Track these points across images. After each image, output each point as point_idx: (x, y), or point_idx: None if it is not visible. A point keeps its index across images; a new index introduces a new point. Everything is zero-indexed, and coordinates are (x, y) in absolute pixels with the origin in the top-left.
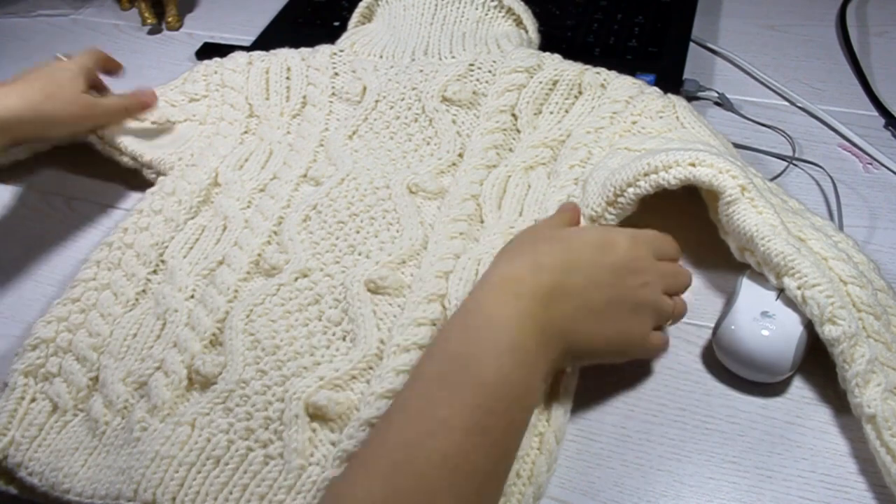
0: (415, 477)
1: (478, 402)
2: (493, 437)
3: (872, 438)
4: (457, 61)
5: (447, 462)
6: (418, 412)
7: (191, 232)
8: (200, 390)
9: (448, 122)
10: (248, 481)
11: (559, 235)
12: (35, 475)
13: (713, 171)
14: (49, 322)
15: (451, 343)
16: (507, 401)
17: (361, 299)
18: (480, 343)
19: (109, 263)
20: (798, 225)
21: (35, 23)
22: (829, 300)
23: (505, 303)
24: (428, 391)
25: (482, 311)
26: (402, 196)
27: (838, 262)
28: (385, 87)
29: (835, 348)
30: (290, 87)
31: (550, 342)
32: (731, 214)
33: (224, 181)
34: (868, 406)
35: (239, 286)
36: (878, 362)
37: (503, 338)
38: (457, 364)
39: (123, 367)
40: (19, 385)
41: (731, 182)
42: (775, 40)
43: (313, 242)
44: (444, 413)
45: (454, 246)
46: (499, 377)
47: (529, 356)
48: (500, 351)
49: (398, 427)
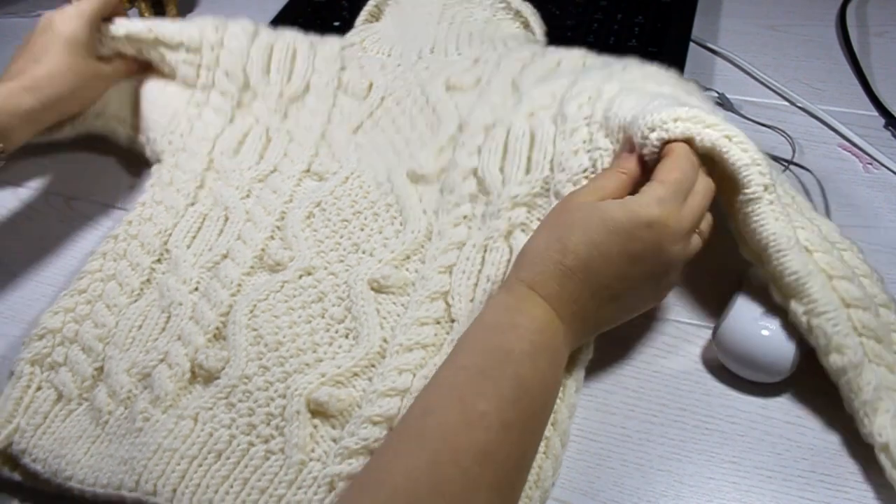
0: (457, 469)
1: (516, 398)
2: (527, 431)
3: (889, 468)
4: (462, 57)
5: (487, 457)
6: (458, 402)
7: (192, 220)
8: (203, 384)
9: (451, 107)
10: (248, 475)
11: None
12: (39, 462)
13: (746, 155)
14: (56, 313)
15: (493, 338)
16: (540, 398)
17: (365, 298)
18: (520, 341)
19: (115, 254)
20: (805, 231)
21: (35, 23)
22: (835, 329)
23: (538, 305)
24: (467, 383)
25: (522, 309)
26: (404, 186)
27: (843, 281)
28: (391, 85)
29: (840, 378)
30: (294, 70)
31: (575, 339)
32: (748, 213)
33: (220, 167)
34: (879, 435)
35: (242, 280)
36: (885, 388)
37: (540, 338)
38: (497, 359)
39: (128, 358)
40: (25, 373)
41: (759, 178)
42: (775, 40)
43: (317, 240)
44: (483, 406)
45: (458, 234)
46: (536, 374)
47: (559, 355)
48: (537, 350)
49: (439, 417)
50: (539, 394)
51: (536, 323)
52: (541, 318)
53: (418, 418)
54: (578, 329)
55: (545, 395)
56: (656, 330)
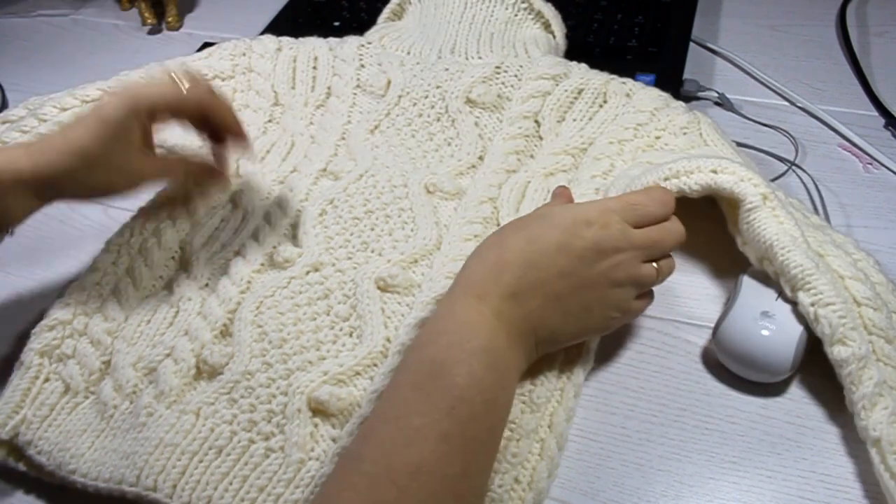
0: (394, 488)
1: (450, 408)
2: (470, 439)
3: (877, 462)
4: (483, 63)
5: (422, 469)
6: (394, 421)
7: (211, 223)
8: (208, 380)
9: (471, 124)
10: (248, 473)
11: (530, 222)
12: (44, 454)
13: (735, 178)
14: (67, 304)
15: (423, 350)
16: (480, 403)
17: (370, 296)
18: (450, 349)
19: (129, 248)
20: (818, 240)
21: (35, 23)
22: (841, 321)
23: (471, 306)
24: (402, 400)
25: (451, 316)
26: (419, 195)
27: (855, 281)
28: (410, 83)
29: (843, 370)
30: (316, 77)
31: (521, 338)
32: (751, 222)
33: (244, 173)
34: (874, 429)
35: (252, 277)
36: (887, 386)
37: (472, 341)
38: (428, 371)
39: (135, 353)
40: (34, 364)
41: (753, 190)
42: (775, 40)
43: (327, 237)
44: (417, 422)
45: (468, 248)
46: (470, 381)
47: (500, 356)
48: (469, 354)
49: (377, 438)
50: (479, 400)
51: (467, 327)
52: (473, 321)
53: (359, 443)
54: (522, 327)
55: (487, 401)
56: (656, 330)
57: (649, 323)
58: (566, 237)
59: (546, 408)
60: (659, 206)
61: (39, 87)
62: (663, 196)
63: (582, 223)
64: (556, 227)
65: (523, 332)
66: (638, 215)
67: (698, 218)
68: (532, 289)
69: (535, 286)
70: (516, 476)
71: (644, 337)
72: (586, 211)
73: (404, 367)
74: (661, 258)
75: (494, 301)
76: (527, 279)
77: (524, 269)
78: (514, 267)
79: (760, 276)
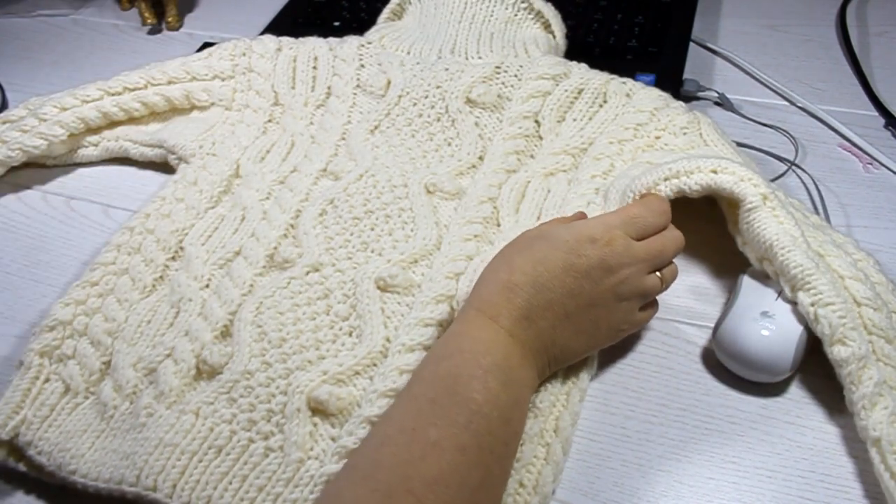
0: (412, 497)
1: (468, 421)
2: (486, 451)
3: (877, 462)
4: (483, 62)
5: (440, 481)
6: (410, 432)
7: (210, 221)
8: (207, 380)
9: (471, 125)
10: (247, 472)
11: (534, 242)
12: (44, 455)
13: (735, 178)
14: (67, 304)
15: (439, 365)
16: (497, 418)
17: (370, 296)
18: (467, 365)
19: (129, 248)
20: (818, 240)
21: (35, 23)
22: (841, 321)
23: (485, 326)
24: (418, 412)
25: (466, 333)
26: (419, 195)
27: (855, 281)
28: (409, 83)
29: (843, 369)
30: (316, 77)
31: (534, 357)
32: (751, 222)
33: (245, 173)
34: (874, 429)
35: (255, 280)
36: (887, 385)
37: (487, 359)
38: (444, 385)
39: (135, 353)
40: (34, 365)
41: (753, 190)
42: (775, 40)
43: (327, 237)
44: (435, 435)
45: (468, 248)
46: (487, 397)
47: (514, 374)
48: (485, 371)
49: (392, 447)
50: (495, 415)
51: (482, 345)
52: (488, 339)
53: (374, 449)
54: (535, 346)
55: (503, 416)
56: (656, 330)
57: (649, 323)
58: (572, 257)
59: (551, 412)
60: (657, 216)
61: (39, 87)
62: (660, 206)
63: (586, 241)
64: (562, 247)
65: (536, 350)
66: (639, 228)
67: (698, 218)
68: (542, 310)
69: (545, 307)
70: (521, 480)
71: (644, 337)
72: (589, 229)
73: (419, 380)
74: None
75: (507, 322)
76: (537, 301)
77: (533, 291)
78: (523, 289)
79: (760, 276)
